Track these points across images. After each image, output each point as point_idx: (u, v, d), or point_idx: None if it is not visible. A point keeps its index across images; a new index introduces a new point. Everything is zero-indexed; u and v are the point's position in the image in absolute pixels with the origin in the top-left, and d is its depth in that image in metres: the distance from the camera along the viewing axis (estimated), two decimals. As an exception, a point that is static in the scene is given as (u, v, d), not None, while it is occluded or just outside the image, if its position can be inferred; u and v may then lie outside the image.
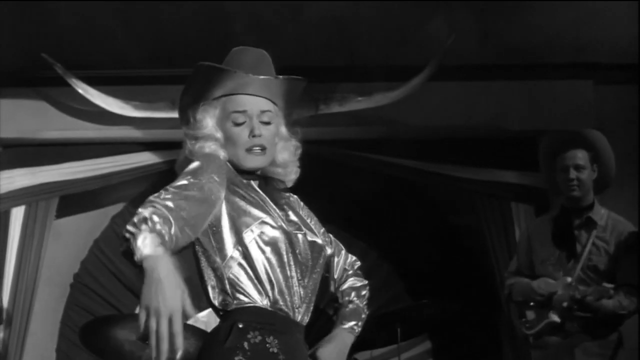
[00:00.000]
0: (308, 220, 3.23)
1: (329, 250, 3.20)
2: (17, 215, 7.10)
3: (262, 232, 2.96)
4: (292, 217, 3.13)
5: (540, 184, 7.14)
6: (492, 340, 7.23)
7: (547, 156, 5.63)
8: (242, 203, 3.02)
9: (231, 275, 2.98)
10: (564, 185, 5.48)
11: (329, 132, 6.76)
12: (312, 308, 3.07)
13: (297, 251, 3.01)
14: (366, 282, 3.37)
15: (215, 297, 3.04)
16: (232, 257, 2.97)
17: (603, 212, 5.49)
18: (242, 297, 2.97)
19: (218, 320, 6.06)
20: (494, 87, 7.04)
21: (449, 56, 6.53)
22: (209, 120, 3.11)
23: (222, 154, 3.10)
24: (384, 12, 6.30)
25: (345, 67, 6.80)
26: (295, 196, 3.31)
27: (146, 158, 7.19)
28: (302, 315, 3.02)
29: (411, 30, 6.49)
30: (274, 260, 2.96)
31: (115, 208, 7.50)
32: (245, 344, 2.91)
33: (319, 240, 3.14)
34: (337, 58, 6.61)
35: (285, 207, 3.14)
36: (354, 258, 3.40)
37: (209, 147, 3.09)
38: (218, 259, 2.99)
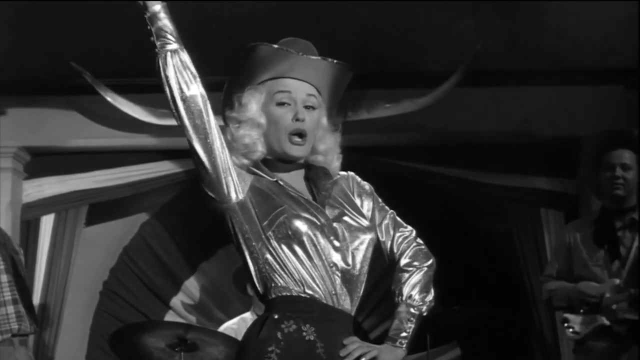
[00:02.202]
0: (358, 201, 3.20)
1: (372, 235, 3.11)
2: (47, 223, 7.13)
3: (283, 225, 2.96)
4: (335, 202, 3.11)
5: (570, 189, 7.11)
6: (522, 345, 7.20)
7: (593, 155, 5.48)
8: (266, 198, 3.02)
9: (266, 266, 2.99)
10: (608, 184, 5.35)
11: (357, 139, 6.74)
12: (359, 294, 3.05)
13: (332, 238, 2.99)
14: (430, 260, 3.32)
15: (258, 289, 3.05)
16: (262, 248, 2.99)
17: None
18: (278, 287, 2.97)
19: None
20: (523, 93, 7.01)
21: (478, 62, 6.51)
22: (254, 104, 3.10)
23: (259, 149, 3.10)
24: (411, 18, 6.29)
25: (373, 73, 6.78)
26: (349, 174, 3.28)
27: (175, 166, 7.21)
28: (345, 302, 2.99)
29: (439, 36, 6.47)
30: (301, 249, 2.95)
31: (145, 216, 7.52)
32: (279, 334, 2.92)
33: (364, 224, 3.10)
34: (365, 65, 6.60)
35: (327, 193, 3.12)
36: (414, 234, 3.34)
37: (250, 136, 3.09)
38: (255, 250, 3.01)
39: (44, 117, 7.06)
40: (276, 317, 2.95)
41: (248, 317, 6.06)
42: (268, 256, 2.98)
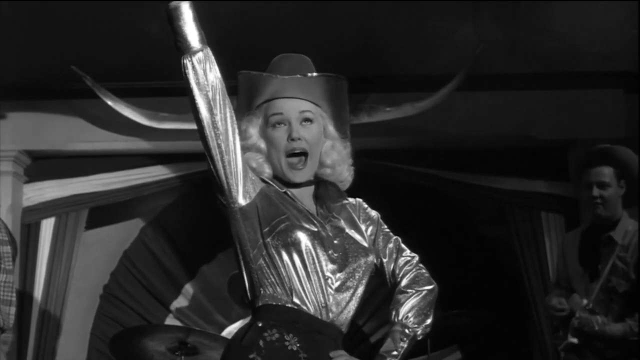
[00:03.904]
0: (363, 227, 3.20)
1: (371, 257, 3.12)
2: (48, 226, 7.14)
3: (283, 232, 2.97)
4: (339, 222, 3.12)
5: (570, 193, 7.11)
6: (523, 350, 7.20)
7: (577, 170, 5.54)
8: (271, 204, 3.04)
9: (258, 273, 2.99)
10: (587, 203, 5.36)
11: (357, 143, 6.72)
12: (351, 311, 3.04)
13: (331, 252, 3.00)
14: (430, 285, 3.25)
15: (248, 295, 3.05)
16: (256, 256, 3.00)
17: (629, 230, 5.30)
18: (266, 295, 2.98)
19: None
20: (523, 96, 7.01)
21: (478, 65, 6.51)
22: (252, 130, 3.14)
23: (266, 170, 3.13)
24: (412, 22, 6.29)
25: (373, 77, 6.79)
26: (357, 200, 3.29)
27: (175, 170, 7.21)
28: (336, 316, 2.99)
29: (439, 40, 6.47)
30: (298, 258, 2.96)
31: (145, 219, 7.52)
32: (261, 342, 2.92)
33: (364, 244, 3.11)
34: (365, 68, 6.60)
35: (334, 210, 3.13)
36: (417, 259, 3.31)
37: (256, 160, 3.12)
38: (249, 257, 3.01)
39: (45, 121, 7.06)
40: (260, 324, 2.95)
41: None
42: (262, 262, 2.99)
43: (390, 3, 6.10)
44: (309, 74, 3.12)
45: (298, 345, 2.91)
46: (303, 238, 2.97)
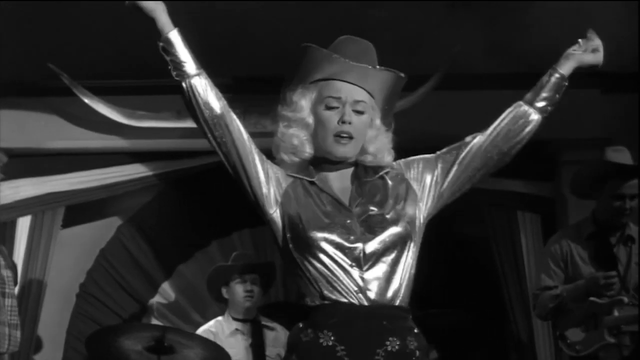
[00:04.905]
0: (398, 198, 3.17)
1: (401, 227, 3.10)
2: (23, 225, 7.11)
3: (301, 237, 3.02)
4: (373, 199, 3.12)
5: (547, 193, 7.14)
6: (499, 349, 7.22)
7: (596, 178, 5.50)
8: (290, 210, 3.08)
9: (294, 279, 3.05)
10: (614, 211, 5.43)
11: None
12: (399, 282, 3.04)
13: (352, 237, 3.01)
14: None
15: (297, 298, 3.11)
16: (287, 263, 3.07)
17: (633, 227, 5.50)
18: (303, 296, 3.03)
19: (225, 331, 6.05)
20: (501, 96, 6.99)
21: (456, 65, 6.52)
22: (304, 104, 3.16)
23: (307, 150, 3.16)
24: (390, 22, 6.29)
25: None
26: (394, 167, 3.28)
27: (152, 168, 7.20)
28: (378, 296, 2.99)
29: (418, 40, 6.48)
30: (320, 259, 2.99)
31: (121, 218, 7.50)
32: (299, 344, 2.98)
33: (391, 217, 3.09)
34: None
35: (366, 194, 3.13)
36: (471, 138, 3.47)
37: (299, 137, 3.16)
38: (285, 260, 3.09)
39: (22, 119, 7.03)
40: (300, 326, 3.01)
41: (223, 319, 6.06)
42: (292, 268, 3.04)
43: (368, 3, 6.10)
44: (378, 67, 3.17)
45: (333, 339, 2.93)
46: (319, 236, 3.00)
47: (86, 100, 6.77)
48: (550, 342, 6.80)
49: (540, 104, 3.51)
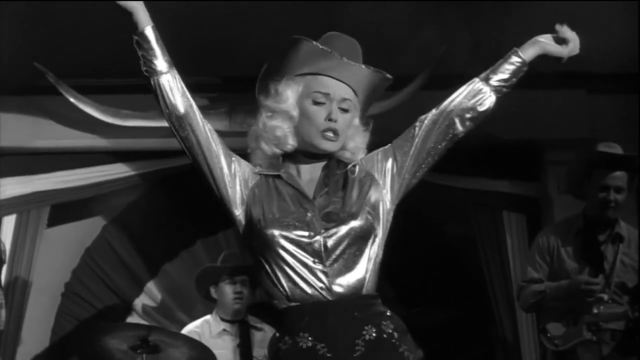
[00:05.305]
0: (362, 191, 3.15)
1: (362, 221, 3.06)
2: (8, 224, 7.09)
3: (261, 235, 3.00)
4: (336, 193, 3.11)
5: (532, 193, 7.15)
6: (484, 348, 7.23)
7: (585, 169, 5.47)
8: (253, 209, 3.07)
9: (262, 280, 3.06)
10: (599, 204, 5.38)
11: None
12: (364, 272, 3.02)
13: (311, 234, 3.00)
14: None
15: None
16: (255, 264, 3.07)
17: (623, 226, 5.45)
18: (274, 302, 3.02)
19: (212, 331, 6.04)
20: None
21: (441, 65, 6.53)
22: (289, 95, 3.14)
23: (290, 142, 3.14)
24: (374, 21, 6.30)
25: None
26: (359, 163, 3.25)
27: (138, 167, 7.19)
28: (345, 289, 2.98)
29: (403, 40, 6.49)
30: (280, 257, 2.98)
31: (107, 217, 7.48)
32: (280, 353, 2.97)
33: (352, 211, 3.06)
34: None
35: (332, 185, 3.12)
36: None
37: (282, 129, 3.13)
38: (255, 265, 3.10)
39: (6, 118, 7.01)
40: (277, 335, 3.01)
41: (210, 319, 6.05)
42: (259, 268, 3.04)
43: (354, 3, 6.11)
44: (369, 67, 3.17)
45: (310, 339, 2.92)
46: (277, 233, 2.99)
47: (72, 99, 6.76)
48: (535, 341, 6.81)
49: (496, 84, 3.52)
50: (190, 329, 6.04)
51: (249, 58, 6.48)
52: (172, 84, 3.04)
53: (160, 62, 3.04)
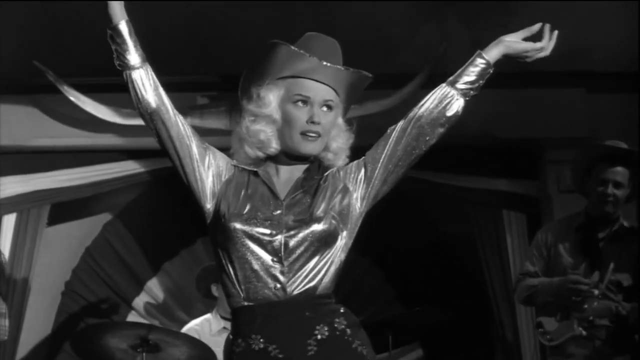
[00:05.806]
0: (332, 197, 3.12)
1: (325, 225, 3.03)
2: (8, 222, 7.09)
3: (222, 231, 3.00)
4: (305, 196, 3.09)
5: (532, 192, 7.15)
6: (484, 347, 7.23)
7: (585, 163, 5.47)
8: (226, 200, 3.07)
9: (221, 275, 3.05)
10: (598, 199, 5.36)
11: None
12: (322, 273, 3.01)
13: (273, 232, 2.99)
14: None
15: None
16: (217, 261, 3.07)
17: (624, 223, 5.43)
18: (230, 300, 3.02)
19: (212, 329, 6.05)
20: (486, 95, 6.97)
21: (441, 64, 6.53)
22: (272, 99, 3.13)
23: (273, 145, 3.13)
24: (375, 20, 6.30)
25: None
26: (334, 171, 3.23)
27: (138, 166, 7.19)
28: (298, 288, 2.97)
29: (403, 38, 6.49)
30: (238, 254, 2.98)
31: (107, 216, 7.48)
32: (233, 355, 2.98)
33: (316, 214, 3.04)
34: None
35: (306, 188, 3.11)
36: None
37: (265, 133, 3.13)
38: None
39: (7, 116, 7.01)
40: (231, 337, 3.01)
41: (211, 318, 6.05)
42: (218, 263, 3.05)
43: (354, 3, 6.11)
44: (347, 68, 3.17)
45: (262, 340, 2.92)
46: (238, 227, 2.98)
47: (72, 98, 6.76)
48: (535, 341, 6.81)
49: (463, 87, 3.46)
50: (190, 327, 6.05)
51: (248, 57, 6.50)
52: (144, 79, 3.05)
53: (133, 57, 3.04)
